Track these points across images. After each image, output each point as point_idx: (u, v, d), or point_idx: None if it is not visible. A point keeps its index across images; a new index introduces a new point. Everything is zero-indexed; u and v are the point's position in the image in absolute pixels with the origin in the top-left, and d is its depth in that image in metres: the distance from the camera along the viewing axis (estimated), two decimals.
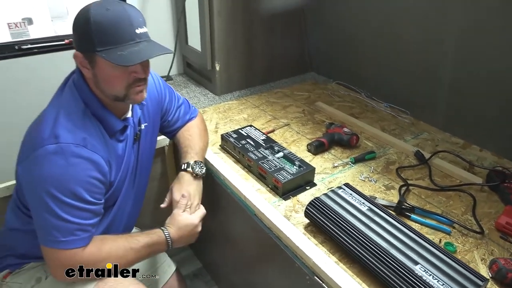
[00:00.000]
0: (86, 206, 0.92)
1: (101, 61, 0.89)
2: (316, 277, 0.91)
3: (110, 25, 0.87)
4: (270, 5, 1.81)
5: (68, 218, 0.89)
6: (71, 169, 0.88)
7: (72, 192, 0.89)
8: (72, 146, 0.89)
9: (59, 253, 0.90)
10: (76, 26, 0.91)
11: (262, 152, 1.26)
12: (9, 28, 1.65)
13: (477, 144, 1.44)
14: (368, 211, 0.99)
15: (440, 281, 0.79)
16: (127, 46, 0.88)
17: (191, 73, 2.05)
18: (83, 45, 0.90)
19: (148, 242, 1.02)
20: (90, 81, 0.96)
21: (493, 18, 1.27)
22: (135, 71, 0.93)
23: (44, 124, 0.91)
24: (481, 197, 1.16)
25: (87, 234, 0.93)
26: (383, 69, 1.73)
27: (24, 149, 0.94)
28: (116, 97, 0.96)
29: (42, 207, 0.88)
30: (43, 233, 0.90)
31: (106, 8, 0.87)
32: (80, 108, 0.95)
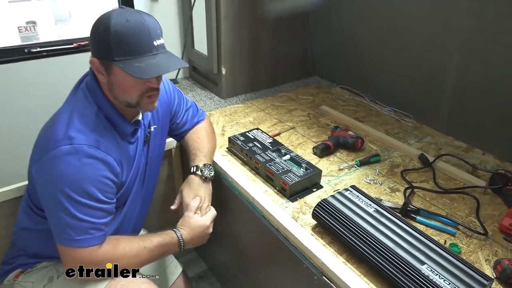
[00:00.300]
0: (99, 205, 0.94)
1: (117, 70, 0.92)
2: (325, 277, 0.93)
3: (129, 36, 0.89)
4: (275, 10, 1.84)
5: (82, 217, 0.91)
6: (85, 169, 0.91)
7: (86, 191, 0.91)
8: (86, 147, 0.91)
9: (74, 252, 0.92)
10: (95, 33, 0.93)
11: (269, 154, 1.29)
12: (19, 32, 1.68)
13: (480, 147, 1.46)
14: (374, 212, 1.01)
15: (446, 281, 0.81)
16: (145, 58, 0.91)
17: (197, 76, 2.08)
18: (100, 52, 0.92)
19: (161, 242, 1.04)
20: (104, 86, 0.98)
21: (496, 25, 1.30)
22: (149, 81, 0.95)
23: (58, 125, 0.93)
24: (484, 199, 1.18)
25: (101, 233, 0.95)
26: (387, 73, 1.76)
27: (38, 150, 0.96)
28: (129, 104, 0.99)
29: (57, 206, 0.90)
30: (58, 231, 0.92)
31: (126, 19, 0.89)
32: (93, 110, 0.97)
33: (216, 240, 1.58)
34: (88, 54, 1.78)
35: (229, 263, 1.60)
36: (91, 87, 0.99)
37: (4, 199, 1.25)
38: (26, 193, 1.11)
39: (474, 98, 1.43)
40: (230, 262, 1.59)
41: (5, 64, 1.62)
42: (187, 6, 1.90)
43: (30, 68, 1.68)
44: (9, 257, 1.14)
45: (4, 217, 1.26)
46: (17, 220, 1.12)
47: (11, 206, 1.26)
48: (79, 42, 1.75)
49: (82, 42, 1.76)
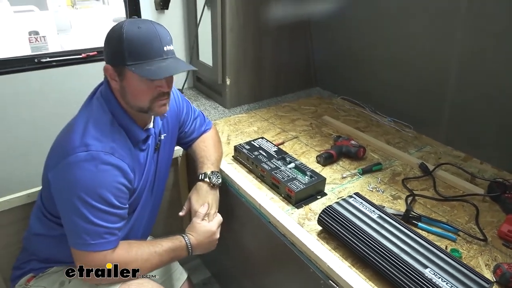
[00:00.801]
0: (114, 210, 0.97)
1: (130, 75, 0.96)
2: (331, 281, 0.96)
3: (140, 42, 0.94)
4: (278, 23, 1.89)
5: (97, 222, 0.94)
6: (100, 175, 0.94)
7: (101, 197, 0.94)
8: (102, 153, 0.94)
9: (89, 256, 0.95)
10: (109, 41, 0.98)
11: (275, 162, 1.32)
12: (30, 42, 1.73)
13: (478, 157, 1.51)
14: (378, 218, 1.05)
15: (448, 283, 0.85)
16: (155, 61, 0.95)
17: (201, 86, 2.12)
18: (114, 59, 0.97)
19: (170, 247, 1.07)
20: (117, 93, 1.02)
21: (494, 39, 1.35)
22: (160, 85, 1.00)
23: (75, 133, 0.96)
24: (483, 207, 1.22)
25: (115, 238, 0.98)
26: (387, 85, 1.81)
27: (54, 156, 0.99)
28: (141, 109, 1.03)
29: (73, 211, 0.93)
30: (73, 236, 0.95)
31: (138, 26, 0.95)
32: (108, 118, 1.01)
33: (222, 246, 1.60)
34: (96, 65, 1.85)
35: (234, 269, 1.63)
36: (105, 96, 1.03)
37: (15, 206, 1.28)
38: (39, 199, 1.13)
39: (472, 109, 1.48)
40: (235, 268, 1.61)
41: (16, 74, 1.66)
42: (192, 19, 1.95)
43: (39, 77, 1.72)
44: (21, 262, 1.16)
45: (15, 223, 1.29)
46: (29, 225, 1.15)
47: (22, 212, 1.29)
48: (88, 52, 1.80)
49: (91, 53, 1.81)
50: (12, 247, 1.32)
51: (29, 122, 1.74)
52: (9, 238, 1.32)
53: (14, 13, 3.52)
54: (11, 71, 1.65)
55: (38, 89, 1.72)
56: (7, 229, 1.30)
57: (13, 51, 2.26)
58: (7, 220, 1.29)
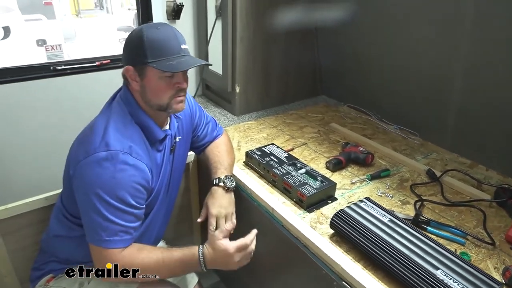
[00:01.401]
0: (130, 210, 1.01)
1: (151, 72, 1.02)
2: (344, 282, 0.99)
3: (160, 40, 1.01)
4: (286, 33, 1.94)
5: (113, 219, 0.98)
6: (119, 174, 0.98)
7: (118, 196, 0.98)
8: (120, 153, 0.98)
9: (102, 252, 0.99)
10: (129, 43, 1.04)
11: (286, 168, 1.36)
12: (46, 51, 1.77)
13: (483, 164, 1.54)
14: (389, 222, 1.08)
15: (460, 284, 0.87)
16: (174, 58, 1.02)
17: (210, 94, 2.17)
18: (135, 59, 1.02)
19: (181, 258, 1.06)
20: (137, 94, 1.08)
21: (498, 48, 1.39)
22: (178, 81, 1.05)
23: (95, 133, 1.01)
24: (490, 212, 1.25)
25: (129, 237, 1.02)
26: (393, 93, 1.85)
27: (75, 155, 1.03)
28: (160, 106, 1.08)
29: (91, 208, 0.97)
30: (90, 231, 0.99)
31: (156, 27, 1.02)
32: (127, 119, 1.06)
33: None
34: (108, 72, 1.89)
35: (243, 274, 1.64)
36: (125, 98, 1.08)
37: (34, 208, 1.32)
38: (59, 201, 1.17)
39: (478, 117, 1.52)
40: (244, 273, 1.62)
41: (32, 81, 1.71)
42: (202, 29, 2.01)
43: (54, 84, 1.77)
44: (40, 263, 1.19)
45: (33, 225, 1.33)
46: (49, 227, 1.18)
47: (40, 214, 1.33)
48: (101, 60, 1.85)
49: (104, 61, 1.85)
50: (28, 249, 1.36)
51: (45, 128, 1.78)
52: (26, 241, 1.35)
53: (25, 21, 3.60)
54: (28, 78, 1.69)
55: (54, 96, 1.77)
56: (25, 231, 1.34)
57: (24, 58, 2.29)
58: (25, 222, 1.32)
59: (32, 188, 1.35)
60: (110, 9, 10.17)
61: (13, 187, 1.73)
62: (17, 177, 1.79)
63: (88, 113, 1.22)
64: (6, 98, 1.67)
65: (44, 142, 1.80)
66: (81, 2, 9.66)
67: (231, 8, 1.72)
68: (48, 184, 1.44)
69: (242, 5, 1.73)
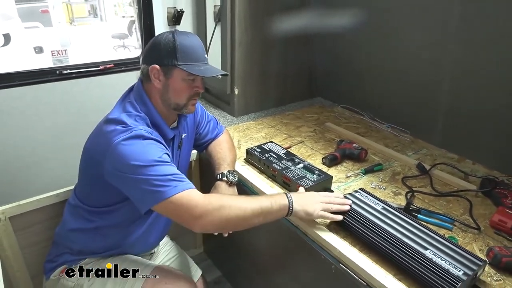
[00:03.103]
0: (169, 162, 1.05)
1: (177, 73, 1.11)
2: (342, 265, 1.07)
3: (190, 47, 1.12)
4: (283, 37, 2.03)
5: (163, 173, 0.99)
6: (148, 146, 1.04)
7: (154, 159, 1.01)
8: (143, 131, 1.05)
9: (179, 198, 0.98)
10: (159, 45, 1.12)
11: (285, 163, 1.44)
12: (52, 55, 1.84)
13: (470, 158, 1.64)
14: (382, 209, 1.16)
15: (447, 262, 0.96)
16: (201, 64, 1.13)
17: (209, 97, 2.25)
18: (164, 60, 1.11)
19: (270, 195, 1.13)
20: (155, 92, 1.15)
21: (484, 50, 1.49)
22: (197, 86, 1.16)
23: (114, 124, 1.06)
24: (476, 201, 1.34)
25: (186, 181, 1.03)
26: (385, 94, 1.95)
27: (98, 145, 1.08)
28: (177, 106, 1.17)
29: (139, 182, 0.99)
30: (151, 197, 0.99)
31: (187, 35, 1.14)
32: (142, 116, 1.12)
33: (231, 247, 1.71)
34: (112, 76, 1.97)
35: (245, 268, 1.72)
36: (139, 98, 1.15)
37: (45, 205, 1.38)
38: (74, 196, 1.24)
39: (465, 115, 1.61)
40: (246, 267, 1.70)
41: (39, 84, 1.78)
42: (202, 34, 2.09)
43: (60, 88, 1.84)
44: (53, 256, 1.25)
45: (45, 221, 1.40)
46: (63, 222, 1.25)
47: (51, 211, 1.40)
48: (105, 64, 1.92)
49: (108, 65, 1.93)
50: (39, 245, 1.43)
51: (52, 130, 1.85)
52: (37, 237, 1.42)
53: (25, 28, 3.67)
54: (35, 82, 1.76)
55: (60, 99, 1.83)
56: (36, 227, 1.40)
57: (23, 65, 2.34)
58: (37, 219, 1.39)
59: (40, 190, 1.40)
60: (104, 17, 10.23)
61: (22, 189, 1.79)
62: (25, 179, 1.85)
63: (92, 115, 1.29)
64: (14, 102, 1.73)
65: (51, 143, 1.86)
66: (75, 10, 9.71)
67: (229, 13, 1.81)
68: (52, 183, 1.51)
69: (241, 11, 1.82)
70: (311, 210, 1.11)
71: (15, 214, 1.34)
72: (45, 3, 5.50)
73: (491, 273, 1.03)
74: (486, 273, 1.02)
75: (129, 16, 8.54)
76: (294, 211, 1.10)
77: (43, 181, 1.85)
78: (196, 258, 1.79)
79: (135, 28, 5.42)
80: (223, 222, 1.02)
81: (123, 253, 1.28)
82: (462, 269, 0.93)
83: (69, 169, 1.33)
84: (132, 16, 7.71)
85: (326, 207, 1.13)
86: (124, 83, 1.27)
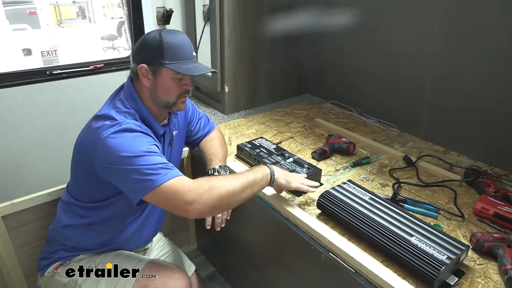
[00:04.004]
0: (157, 153, 1.06)
1: (165, 72, 1.13)
2: (331, 253, 1.10)
3: (177, 45, 1.13)
4: (272, 36, 2.06)
5: (152, 162, 1.02)
6: (136, 138, 1.06)
7: (142, 149, 1.03)
8: (132, 125, 1.08)
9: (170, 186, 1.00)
10: (146, 44, 1.14)
11: (275, 158, 1.47)
12: (42, 56, 1.85)
13: (455, 150, 1.68)
14: (369, 199, 1.20)
15: (431, 247, 0.99)
16: (188, 62, 1.14)
17: (200, 95, 2.27)
18: (152, 59, 1.12)
19: (252, 168, 1.18)
20: (145, 91, 1.17)
21: (465, 46, 1.54)
22: (186, 84, 1.17)
23: (104, 119, 1.08)
24: (460, 190, 1.38)
25: (175, 169, 1.05)
26: (372, 90, 1.99)
27: (88, 140, 1.09)
28: (167, 104, 1.18)
29: (129, 172, 1.01)
30: (142, 187, 1.00)
31: (174, 33, 1.14)
32: (131, 112, 1.14)
33: (224, 242, 1.73)
34: (102, 76, 1.98)
35: (238, 262, 1.74)
36: (130, 96, 1.17)
37: (38, 203, 1.39)
38: (66, 194, 1.25)
39: (450, 108, 1.66)
40: (239, 261, 1.73)
41: (29, 85, 1.78)
42: (191, 32, 2.11)
43: (50, 88, 1.84)
44: (47, 253, 1.27)
45: (38, 219, 1.42)
46: (56, 219, 1.26)
47: (44, 209, 1.41)
48: (95, 64, 1.93)
49: (98, 65, 1.94)
50: (32, 244, 1.44)
51: (42, 130, 1.85)
52: (30, 236, 1.43)
53: (13, 30, 3.64)
54: (25, 82, 1.76)
55: (50, 99, 1.84)
56: (29, 226, 1.41)
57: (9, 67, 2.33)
58: (30, 217, 1.40)
59: (32, 190, 1.41)
60: (92, 18, 10.16)
61: (14, 189, 1.79)
62: (17, 179, 1.85)
63: (83, 115, 1.30)
64: (4, 102, 1.74)
65: (42, 143, 1.86)
66: (62, 11, 9.62)
67: (218, 13, 1.84)
68: (42, 183, 1.53)
69: (229, 9, 1.84)
70: (290, 179, 1.21)
71: (8, 213, 1.34)
72: (33, 4, 5.47)
73: (474, 257, 1.07)
74: (470, 258, 1.07)
75: (118, 18, 8.50)
76: (275, 178, 1.18)
77: (35, 181, 1.85)
78: (190, 254, 1.82)
79: (124, 29, 5.43)
80: (215, 202, 1.03)
81: (117, 249, 1.29)
82: (445, 254, 0.97)
83: (60, 168, 1.34)
84: (121, 17, 7.69)
85: (301, 181, 1.24)
86: (114, 82, 1.29)
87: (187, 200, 1.00)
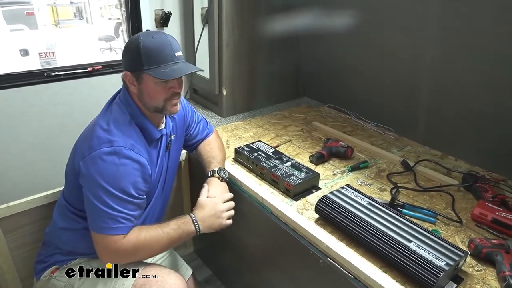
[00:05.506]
0: (132, 200, 1.09)
1: (147, 78, 1.11)
2: (329, 259, 1.10)
3: (155, 49, 1.09)
4: (270, 39, 2.07)
5: (116, 208, 1.05)
6: (122, 168, 1.06)
7: (121, 187, 1.06)
8: (123, 149, 1.07)
9: (105, 239, 1.06)
10: (127, 51, 1.13)
11: (273, 162, 1.47)
12: (40, 58, 1.84)
13: (453, 155, 1.69)
14: (368, 204, 1.20)
15: (430, 253, 0.99)
16: (169, 65, 1.11)
17: (198, 98, 2.27)
18: (133, 65, 1.11)
19: (177, 223, 1.18)
20: (135, 96, 1.16)
21: (462, 51, 1.54)
22: (172, 86, 1.14)
23: (99, 131, 1.09)
24: (458, 195, 1.38)
25: (131, 224, 1.09)
26: (370, 93, 2.00)
27: (79, 152, 1.10)
28: (156, 109, 1.16)
29: (96, 198, 1.05)
30: (93, 220, 1.07)
31: (152, 36, 1.11)
32: (127, 119, 1.14)
33: (221, 245, 1.73)
34: (100, 78, 1.98)
35: (235, 266, 1.74)
36: (125, 100, 1.16)
37: (34, 206, 1.38)
38: (62, 198, 1.24)
39: (446, 113, 1.66)
40: (236, 264, 1.72)
41: (26, 87, 1.77)
42: (190, 35, 2.11)
43: (48, 90, 1.83)
44: (44, 256, 1.25)
45: (34, 222, 1.40)
46: (53, 222, 1.25)
47: (40, 212, 1.40)
48: (93, 66, 1.92)
49: (96, 67, 1.93)
50: (28, 246, 1.42)
51: (40, 132, 1.84)
52: (26, 238, 1.42)
53: (10, 31, 3.63)
54: (22, 84, 1.75)
55: (47, 101, 1.83)
56: (26, 229, 1.40)
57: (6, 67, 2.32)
58: (26, 220, 1.39)
59: (28, 192, 1.40)
60: (90, 19, 10.14)
61: (10, 191, 1.78)
62: (13, 181, 1.84)
63: (81, 117, 1.30)
64: (1, 104, 1.72)
65: (39, 145, 1.85)
66: (60, 12, 9.59)
67: (217, 15, 1.83)
68: (40, 185, 1.51)
69: (228, 12, 1.84)
70: (217, 226, 1.25)
71: (5, 215, 1.33)
72: (30, 5, 5.44)
73: (472, 263, 1.07)
74: (468, 264, 1.07)
75: (116, 18, 8.48)
76: (201, 231, 1.22)
77: (32, 183, 1.84)
78: (187, 257, 1.81)
79: (121, 30, 5.39)
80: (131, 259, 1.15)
81: None
82: (444, 260, 0.97)
83: (57, 171, 1.33)
84: (118, 18, 7.66)
85: (230, 214, 1.29)
86: (112, 84, 1.28)
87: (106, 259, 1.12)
